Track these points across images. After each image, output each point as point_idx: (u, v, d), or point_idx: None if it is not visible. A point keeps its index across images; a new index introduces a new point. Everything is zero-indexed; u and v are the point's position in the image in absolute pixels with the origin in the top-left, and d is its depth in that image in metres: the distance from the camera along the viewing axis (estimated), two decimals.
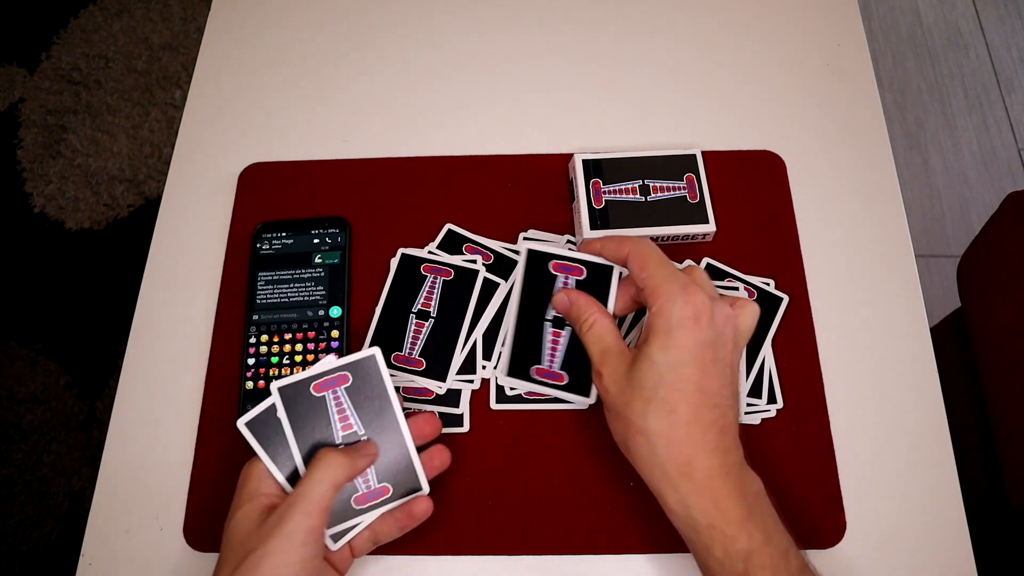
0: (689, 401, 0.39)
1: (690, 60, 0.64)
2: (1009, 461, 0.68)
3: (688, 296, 0.40)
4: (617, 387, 0.42)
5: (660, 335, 0.40)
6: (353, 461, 0.41)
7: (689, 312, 0.40)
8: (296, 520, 0.38)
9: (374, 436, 0.43)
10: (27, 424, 1.26)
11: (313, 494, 0.39)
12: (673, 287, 0.41)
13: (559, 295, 0.47)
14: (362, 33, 0.66)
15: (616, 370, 0.42)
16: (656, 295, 0.41)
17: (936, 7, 1.68)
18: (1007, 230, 0.72)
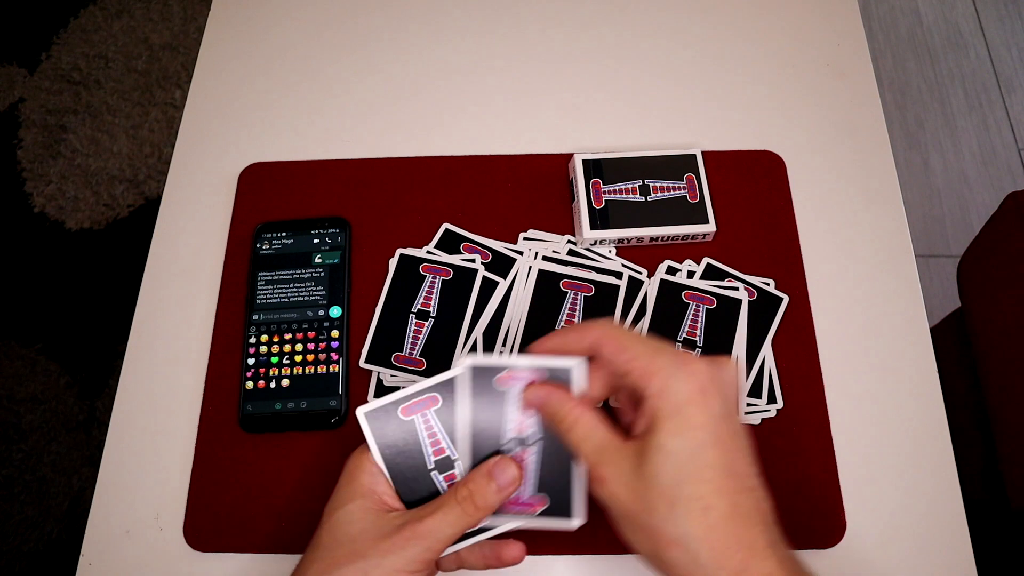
0: (722, 491, 0.33)
1: (690, 60, 0.64)
2: (1009, 461, 0.68)
3: (688, 368, 0.35)
4: (629, 491, 0.34)
5: (669, 419, 0.34)
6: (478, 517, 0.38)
7: (695, 386, 0.34)
8: (421, 551, 0.37)
9: (467, 460, 0.40)
10: (27, 424, 1.26)
11: (442, 535, 0.37)
12: (666, 361, 0.35)
13: (527, 393, 0.39)
14: (362, 33, 0.66)
15: (622, 470, 0.35)
16: (650, 376, 0.35)
17: (936, 7, 1.68)
18: (1007, 230, 0.72)
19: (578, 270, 0.53)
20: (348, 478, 0.40)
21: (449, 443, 0.40)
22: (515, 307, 0.53)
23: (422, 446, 0.40)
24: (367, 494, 0.39)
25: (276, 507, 0.48)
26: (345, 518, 0.39)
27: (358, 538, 0.38)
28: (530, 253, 0.54)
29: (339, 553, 0.37)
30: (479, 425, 0.40)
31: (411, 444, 0.40)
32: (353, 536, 0.38)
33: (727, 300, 0.52)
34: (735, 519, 0.33)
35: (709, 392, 0.34)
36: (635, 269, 0.54)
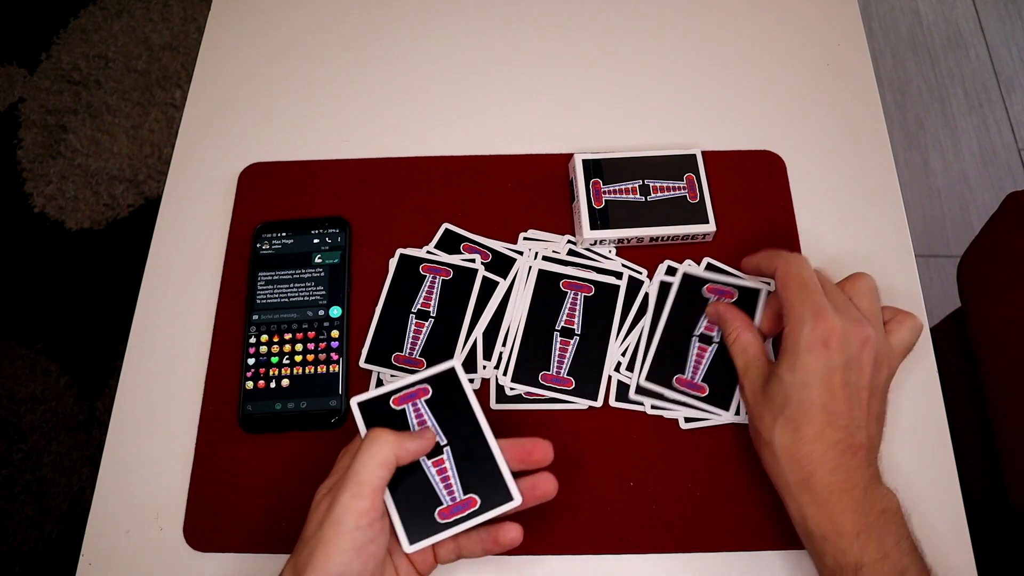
0: (812, 421, 0.41)
1: (690, 60, 0.64)
2: (1009, 461, 0.68)
3: (819, 320, 0.41)
4: (753, 399, 0.44)
5: (789, 356, 0.42)
6: (401, 438, 0.40)
7: (818, 336, 0.41)
8: (345, 503, 0.37)
9: (458, 446, 0.42)
10: (27, 424, 1.26)
11: (360, 475, 0.38)
12: (805, 310, 0.42)
13: (711, 307, 0.50)
14: (362, 33, 0.66)
15: (755, 383, 0.44)
16: (789, 317, 0.43)
17: (936, 7, 1.68)
18: (1007, 230, 0.72)
19: (578, 270, 0.53)
20: (331, 473, 0.42)
21: (439, 431, 0.42)
22: (515, 307, 0.53)
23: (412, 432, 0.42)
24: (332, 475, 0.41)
25: (276, 507, 0.48)
26: (314, 511, 0.40)
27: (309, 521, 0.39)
28: (530, 253, 0.54)
29: (300, 543, 0.38)
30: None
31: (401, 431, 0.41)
32: (308, 520, 0.39)
33: (746, 291, 0.51)
34: (817, 442, 0.40)
35: (831, 344, 0.41)
36: (635, 269, 0.54)
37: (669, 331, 0.51)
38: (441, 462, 0.42)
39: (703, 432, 0.49)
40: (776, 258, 0.46)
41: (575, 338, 0.51)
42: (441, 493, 0.41)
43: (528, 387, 0.50)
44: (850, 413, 0.41)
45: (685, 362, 0.50)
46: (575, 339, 0.51)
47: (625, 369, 0.51)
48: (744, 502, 0.47)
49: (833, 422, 0.41)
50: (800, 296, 0.43)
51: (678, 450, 0.49)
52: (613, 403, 0.50)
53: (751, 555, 0.47)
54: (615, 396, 0.50)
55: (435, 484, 0.41)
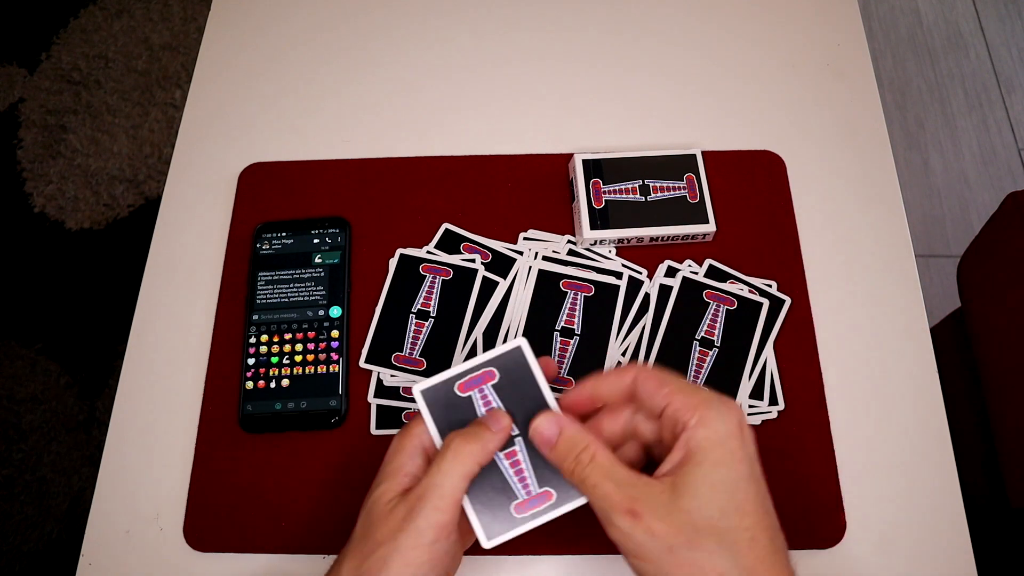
0: (762, 526, 0.34)
1: (690, 60, 0.64)
2: (1009, 461, 0.68)
3: (727, 403, 0.35)
4: (668, 526, 0.33)
5: (712, 449, 0.34)
6: (484, 444, 0.37)
7: (734, 420, 0.35)
8: (427, 515, 0.35)
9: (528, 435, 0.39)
10: (27, 424, 1.26)
11: (444, 487, 0.36)
12: (706, 395, 0.36)
13: (537, 422, 0.38)
14: (362, 33, 0.66)
15: (657, 504, 0.33)
16: (692, 408, 0.35)
17: (936, 7, 1.68)
18: (1007, 230, 0.72)
19: (578, 270, 0.53)
20: (384, 462, 0.39)
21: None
22: (515, 307, 0.53)
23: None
24: (396, 474, 0.38)
25: (276, 507, 0.48)
26: (372, 504, 0.38)
27: (378, 525, 0.36)
28: (530, 253, 0.54)
29: (364, 547, 0.36)
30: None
31: (469, 420, 0.38)
32: (375, 522, 0.37)
33: (747, 302, 0.52)
34: (775, 552, 0.33)
35: (745, 429, 0.35)
36: (635, 269, 0.54)
37: (670, 335, 0.51)
38: (514, 454, 0.39)
39: None
40: (623, 370, 0.38)
41: (575, 338, 0.51)
42: (516, 487, 0.38)
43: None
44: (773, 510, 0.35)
45: (687, 366, 0.50)
46: (575, 339, 0.51)
47: None
48: None
49: (773, 523, 0.34)
50: (687, 385, 0.36)
51: None
52: None
53: None
54: None
55: (509, 478, 0.38)
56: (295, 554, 0.47)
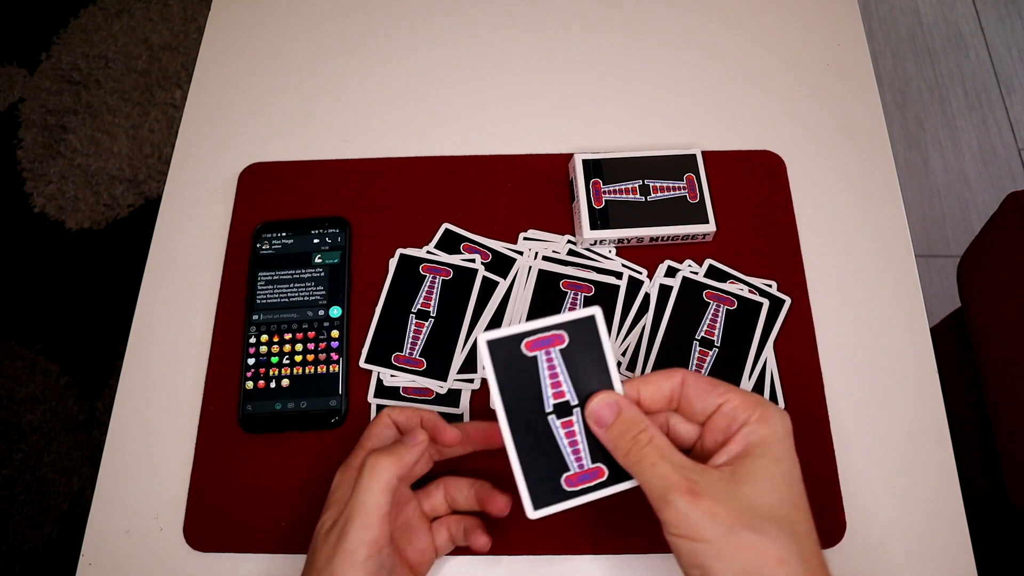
0: (812, 523, 0.35)
1: (690, 60, 0.64)
2: (1009, 461, 0.68)
3: (779, 409, 0.37)
4: (730, 509, 0.33)
5: (773, 445, 0.35)
6: (399, 457, 0.39)
7: (789, 425, 0.36)
8: (355, 535, 0.37)
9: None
10: (27, 424, 1.26)
11: (366, 505, 0.38)
12: (762, 399, 0.37)
13: (597, 403, 0.37)
14: (362, 33, 0.66)
15: (718, 488, 0.34)
16: (750, 406, 0.36)
17: (936, 7, 1.68)
18: (1007, 230, 0.72)
19: (578, 270, 0.53)
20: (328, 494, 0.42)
21: (571, 388, 0.38)
22: (515, 307, 0.53)
23: (543, 386, 0.37)
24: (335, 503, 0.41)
25: (276, 507, 0.48)
26: (314, 536, 0.40)
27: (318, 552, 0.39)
28: (530, 253, 0.54)
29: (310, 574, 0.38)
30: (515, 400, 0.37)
31: (532, 383, 0.37)
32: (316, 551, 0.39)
33: (747, 302, 0.52)
34: (818, 551, 0.34)
35: (791, 434, 0.36)
36: (635, 269, 0.54)
37: (670, 335, 0.51)
38: (571, 423, 0.37)
39: None
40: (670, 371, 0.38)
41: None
42: (569, 458, 0.37)
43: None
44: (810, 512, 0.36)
45: (687, 366, 0.50)
46: None
47: (625, 369, 0.51)
48: None
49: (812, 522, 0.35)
50: (732, 386, 0.37)
51: None
52: None
53: None
54: None
55: (563, 448, 0.37)
56: (295, 554, 0.47)
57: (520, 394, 0.37)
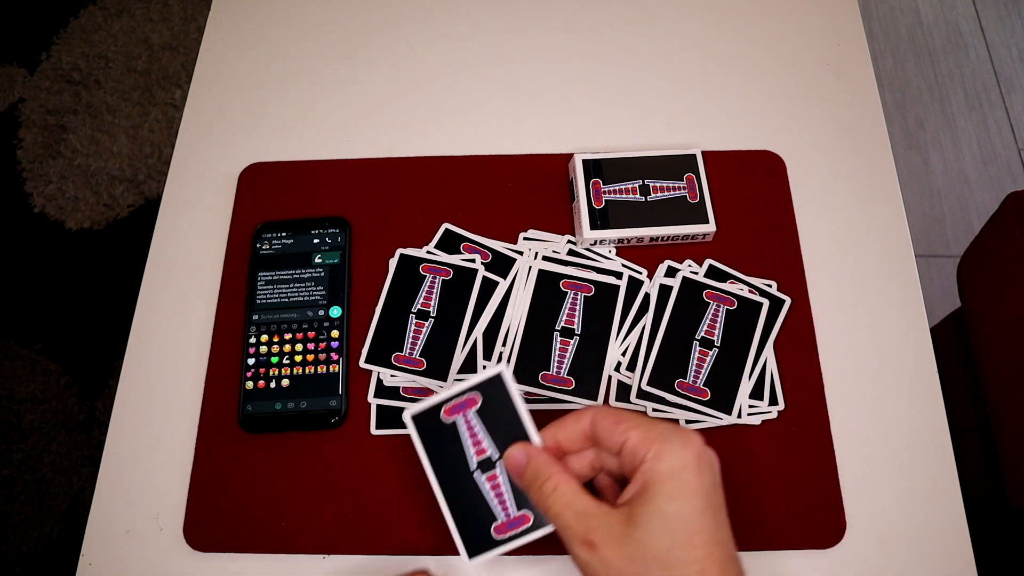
0: (713, 558, 0.34)
1: (690, 60, 0.64)
2: (1009, 461, 0.68)
3: (684, 436, 0.36)
4: (621, 556, 0.34)
5: (667, 482, 0.35)
6: None
7: (691, 453, 0.35)
8: None
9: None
10: (27, 424, 1.26)
11: None
12: (663, 429, 0.36)
13: (509, 452, 0.40)
14: (362, 33, 0.66)
15: (612, 535, 0.35)
16: (648, 442, 0.36)
17: (936, 7, 1.68)
18: (1007, 230, 0.72)
19: (578, 270, 0.53)
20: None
21: (491, 443, 0.41)
22: (515, 307, 0.53)
23: (464, 447, 0.41)
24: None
25: (276, 507, 0.48)
26: None
27: None
28: (530, 253, 0.54)
29: None
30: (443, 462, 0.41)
31: (455, 445, 0.41)
32: None
33: (747, 302, 0.52)
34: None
35: (703, 460, 0.36)
36: (635, 269, 0.54)
37: (670, 335, 0.51)
38: (495, 477, 0.41)
39: (704, 433, 0.49)
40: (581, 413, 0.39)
41: (575, 338, 0.51)
42: (496, 509, 0.40)
43: (528, 387, 0.50)
44: (731, 541, 0.36)
45: (687, 366, 0.50)
46: (575, 339, 0.51)
47: (625, 369, 0.51)
48: (743, 503, 0.47)
49: (727, 555, 0.35)
50: (643, 420, 0.37)
51: None
52: (613, 403, 0.50)
53: (750, 555, 0.47)
54: (615, 396, 0.50)
55: (489, 500, 0.41)
56: (295, 554, 0.47)
57: (446, 456, 0.41)
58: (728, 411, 0.49)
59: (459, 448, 0.41)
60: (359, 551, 0.47)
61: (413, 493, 0.48)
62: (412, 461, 0.49)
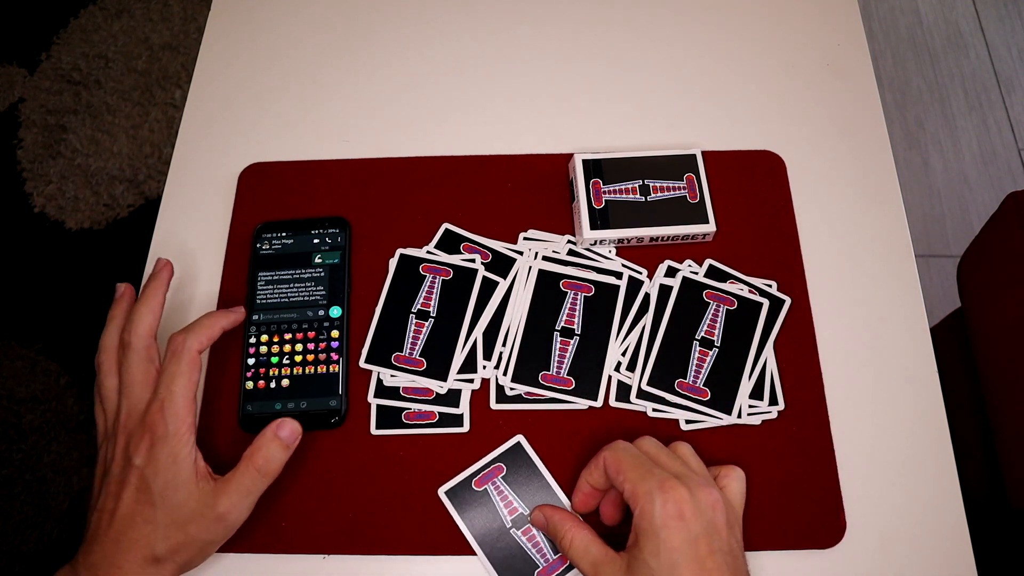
0: None
1: (690, 60, 0.64)
2: (1009, 461, 0.68)
3: (666, 493, 0.39)
4: None
5: (648, 538, 0.39)
6: (272, 472, 0.45)
7: (671, 510, 0.39)
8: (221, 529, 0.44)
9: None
10: (27, 424, 1.26)
11: (241, 501, 0.44)
12: (650, 486, 0.40)
13: (535, 514, 0.46)
14: (362, 33, 0.66)
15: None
16: (635, 498, 0.40)
17: (936, 7, 1.68)
18: (1007, 230, 0.72)
19: (578, 270, 0.53)
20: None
21: (520, 503, 0.47)
22: (515, 307, 0.53)
23: (498, 509, 0.47)
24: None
25: (276, 507, 0.48)
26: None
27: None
28: (530, 253, 0.54)
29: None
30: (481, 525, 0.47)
31: (489, 509, 0.47)
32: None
33: (747, 302, 0.52)
34: None
35: (686, 515, 0.39)
36: (635, 269, 0.54)
37: (670, 335, 0.51)
38: (529, 531, 0.47)
39: (704, 433, 0.49)
40: (599, 455, 0.44)
41: (575, 338, 0.51)
42: (536, 558, 0.46)
43: (528, 387, 0.50)
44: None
45: (687, 366, 0.50)
46: (575, 339, 0.51)
47: (625, 369, 0.51)
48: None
49: None
50: (638, 474, 0.41)
51: None
52: (613, 403, 0.50)
53: (750, 555, 0.47)
54: (615, 396, 0.50)
55: (528, 551, 0.46)
56: (295, 554, 0.47)
57: (483, 520, 0.47)
58: (728, 411, 0.49)
59: (493, 510, 0.47)
60: (359, 551, 0.47)
61: (413, 493, 0.48)
62: (412, 461, 0.49)
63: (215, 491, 0.43)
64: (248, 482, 0.43)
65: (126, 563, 0.41)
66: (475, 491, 0.47)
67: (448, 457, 0.49)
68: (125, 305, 0.49)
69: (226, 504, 0.43)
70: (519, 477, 0.48)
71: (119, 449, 0.43)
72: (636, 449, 0.44)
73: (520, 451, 0.48)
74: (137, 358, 0.45)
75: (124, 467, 0.42)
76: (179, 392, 0.43)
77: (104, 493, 0.43)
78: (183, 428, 0.43)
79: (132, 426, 0.43)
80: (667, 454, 0.44)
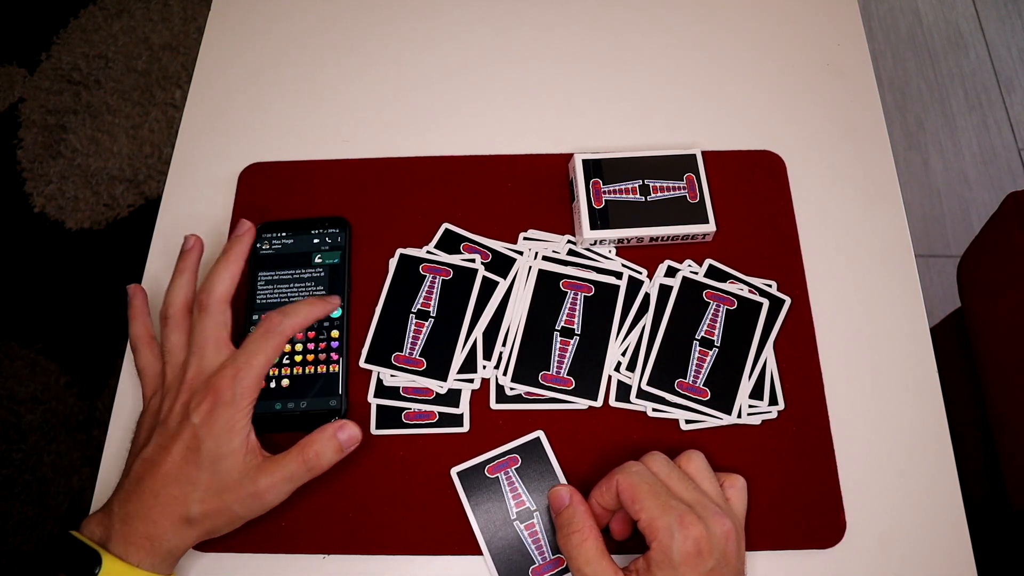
0: None
1: (690, 60, 0.64)
2: (1009, 462, 0.68)
3: (686, 530, 0.39)
4: None
5: (663, 571, 0.39)
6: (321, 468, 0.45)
7: (690, 547, 0.39)
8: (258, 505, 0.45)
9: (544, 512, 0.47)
10: (27, 424, 1.26)
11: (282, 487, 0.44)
12: (669, 520, 0.39)
13: (562, 490, 0.44)
14: (362, 33, 0.66)
15: None
16: (653, 530, 0.40)
17: (936, 7, 1.68)
18: (1007, 230, 0.72)
19: (578, 270, 0.53)
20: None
21: (529, 497, 0.47)
22: (515, 307, 0.53)
23: (506, 499, 0.47)
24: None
25: (276, 507, 0.48)
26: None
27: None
28: (530, 253, 0.54)
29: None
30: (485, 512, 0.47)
31: (497, 498, 0.47)
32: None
33: (747, 302, 0.52)
34: None
35: (703, 552, 0.39)
36: (635, 269, 0.54)
37: (670, 335, 0.51)
38: (532, 525, 0.46)
39: (704, 433, 0.49)
40: (612, 478, 0.42)
41: (575, 338, 0.51)
42: (534, 554, 0.46)
43: (528, 387, 0.50)
44: None
45: (687, 366, 0.50)
46: (575, 339, 0.51)
47: (625, 369, 0.51)
48: None
49: None
50: (655, 505, 0.40)
51: (678, 450, 0.49)
52: (613, 403, 0.50)
53: (750, 555, 0.47)
54: (615, 396, 0.50)
55: (528, 546, 0.46)
56: (295, 554, 0.47)
57: (489, 507, 0.47)
58: (728, 411, 0.49)
59: (500, 500, 0.47)
60: (359, 551, 0.47)
61: (413, 493, 0.48)
62: (412, 461, 0.49)
63: (260, 467, 0.43)
64: (293, 469, 0.44)
65: (161, 519, 0.41)
66: (487, 477, 0.47)
67: (448, 457, 0.49)
68: (196, 257, 0.49)
69: (266, 483, 0.43)
70: (532, 471, 0.48)
71: (179, 404, 0.44)
72: (650, 473, 0.42)
73: (538, 446, 0.48)
74: (212, 321, 0.45)
75: (181, 422, 0.43)
76: (257, 367, 0.44)
77: (154, 444, 0.43)
78: (246, 400, 0.43)
79: (198, 385, 0.44)
80: (678, 477, 0.42)
